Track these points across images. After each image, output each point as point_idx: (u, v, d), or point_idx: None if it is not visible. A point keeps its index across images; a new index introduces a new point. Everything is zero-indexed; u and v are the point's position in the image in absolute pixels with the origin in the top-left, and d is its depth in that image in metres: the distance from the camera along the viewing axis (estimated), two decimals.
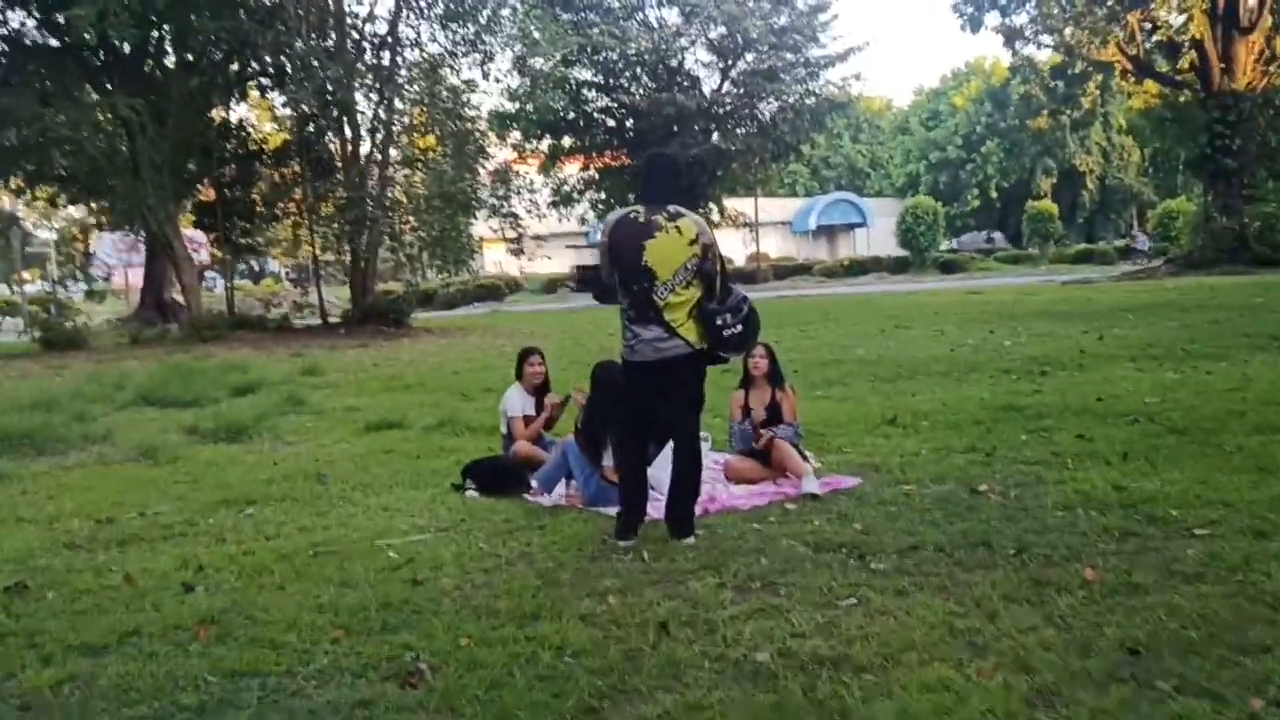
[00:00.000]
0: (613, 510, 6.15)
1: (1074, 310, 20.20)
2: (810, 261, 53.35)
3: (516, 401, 7.74)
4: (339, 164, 27.97)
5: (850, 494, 6.37)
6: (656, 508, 5.75)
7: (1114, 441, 7.29)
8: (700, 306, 5.38)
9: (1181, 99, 38.51)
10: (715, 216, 41.08)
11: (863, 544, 5.21)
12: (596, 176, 41.20)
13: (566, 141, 41.11)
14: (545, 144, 40.53)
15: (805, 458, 6.90)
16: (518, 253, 30.58)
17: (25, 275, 47.09)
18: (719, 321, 5.34)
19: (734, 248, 49.68)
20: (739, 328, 5.36)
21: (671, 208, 5.43)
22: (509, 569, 5.16)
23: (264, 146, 29.67)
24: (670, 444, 5.74)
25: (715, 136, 39.47)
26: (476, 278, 42.87)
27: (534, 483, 6.86)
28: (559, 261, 43.52)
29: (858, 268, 48.58)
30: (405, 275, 34.80)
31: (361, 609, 4.60)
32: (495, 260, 51.80)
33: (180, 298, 28.25)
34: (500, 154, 33.70)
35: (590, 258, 43.94)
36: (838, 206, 66.19)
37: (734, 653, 3.89)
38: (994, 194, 69.64)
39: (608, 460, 6.49)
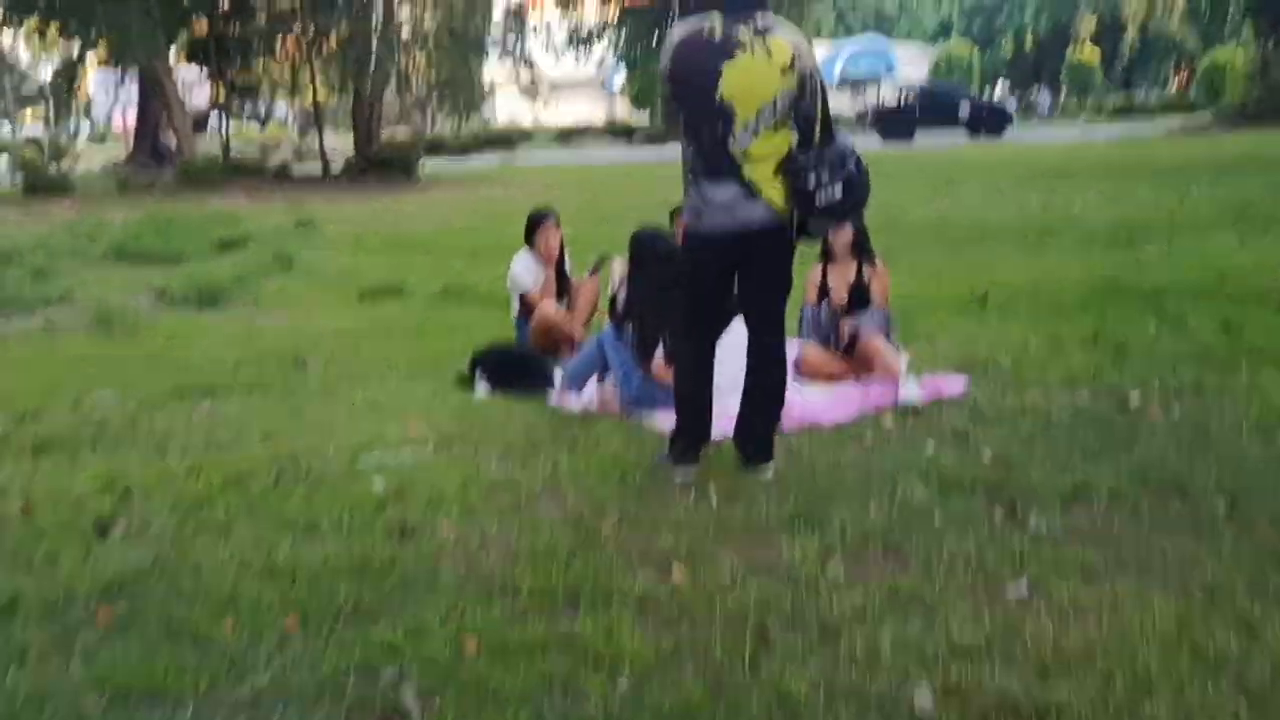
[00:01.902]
0: (662, 420, 4.84)
1: (1137, 166, 18.50)
2: (835, 116, 50.82)
3: (524, 270, 6.36)
4: None
5: (960, 403, 5.02)
6: (718, 420, 4.42)
7: (1270, 333, 5.90)
8: (790, 159, 3.94)
9: None
10: None
11: (1005, 485, 3.87)
12: (617, 17, 38.66)
13: None
14: None
15: (897, 351, 5.54)
16: (533, 96, 28.67)
17: (26, 115, 45.27)
18: (811, 180, 3.88)
19: None
20: (837, 189, 3.90)
21: (760, 17, 3.93)
22: (530, 512, 3.85)
23: None
24: (732, 336, 4.37)
25: None
26: (487, 126, 40.97)
27: (559, 378, 5.53)
28: (577, 110, 41.40)
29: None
30: (412, 121, 33.02)
31: (328, 575, 3.31)
32: (507, 108, 49.65)
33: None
34: None
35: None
36: (863, 56, 63.06)
37: (875, 685, 2.59)
38: (1027, 43, 66.38)
39: (659, 349, 5.14)
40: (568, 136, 44.83)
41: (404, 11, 27.71)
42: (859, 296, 5.62)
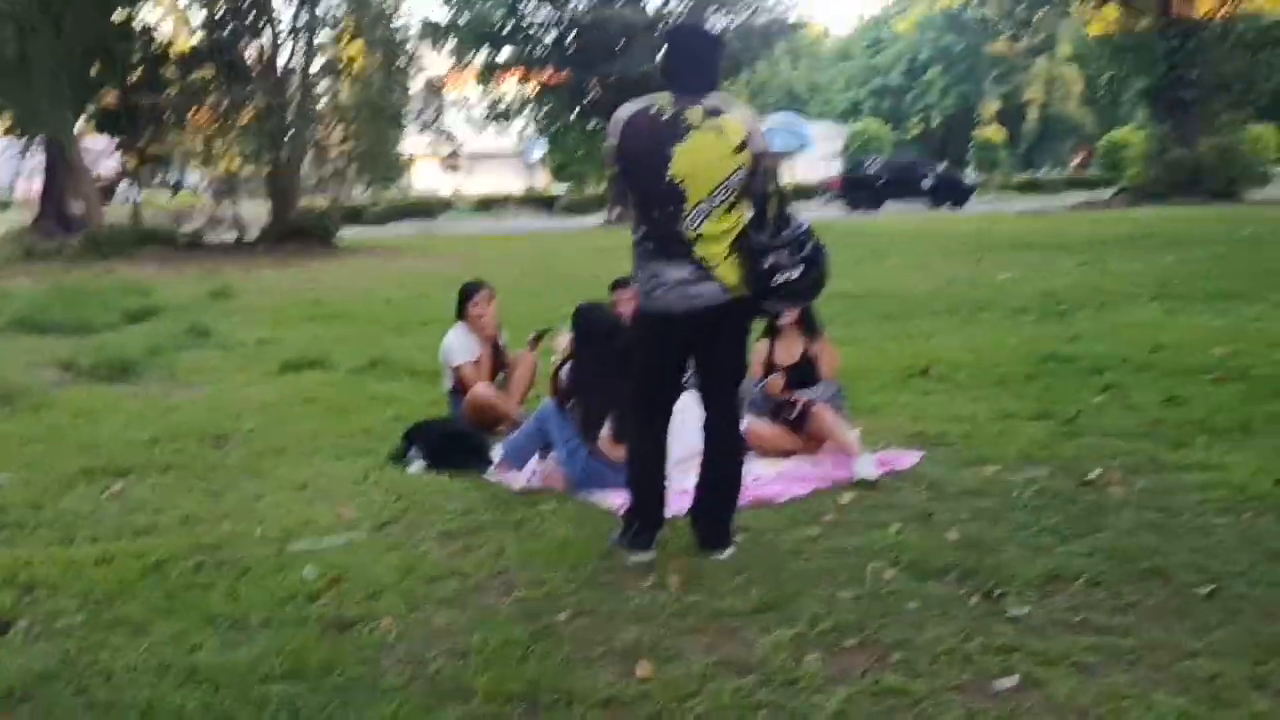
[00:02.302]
0: (609, 498, 4.62)
1: (1053, 241, 18.86)
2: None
3: (459, 345, 6.12)
4: (255, 71, 25.62)
5: (916, 478, 4.87)
6: (673, 496, 4.20)
7: (1215, 407, 5.87)
8: (745, 238, 3.78)
9: (1140, 25, 37.27)
10: None
11: (978, 568, 3.69)
12: (537, 91, 38.83)
13: (504, 54, 38.63)
14: (482, 56, 38.04)
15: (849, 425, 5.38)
16: (453, 168, 28.53)
17: None
18: (769, 262, 3.73)
19: None
20: (797, 271, 3.75)
21: (710, 99, 3.80)
22: (477, 603, 3.58)
23: (170, 51, 27.05)
24: (683, 405, 4.17)
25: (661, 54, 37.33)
26: (406, 195, 40.68)
27: (498, 454, 5.27)
28: (498, 181, 41.36)
29: (804, 193, 46.81)
30: (330, 190, 32.66)
31: (257, 680, 3.00)
32: (426, 177, 49.48)
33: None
34: (434, 65, 31.50)
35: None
36: (779, 133, 64.28)
37: None
38: (934, 122, 68.36)
39: (605, 428, 4.92)
40: (487, 205, 44.78)
41: (321, 84, 27.49)
42: (804, 372, 5.47)
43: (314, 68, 26.41)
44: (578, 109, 38.59)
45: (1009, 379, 6.94)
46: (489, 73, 37.20)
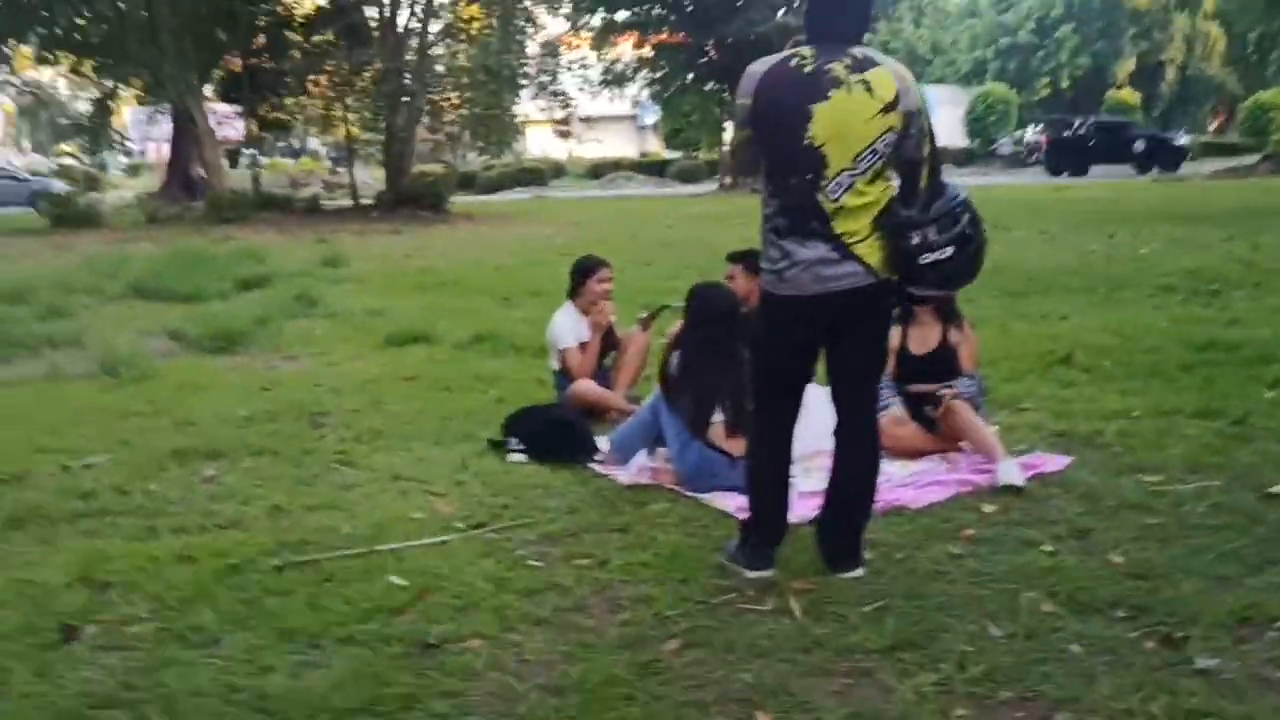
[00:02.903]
0: (725, 499, 4.22)
1: (1194, 212, 17.74)
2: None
3: (568, 326, 5.76)
4: (375, 34, 25.66)
5: (1067, 486, 4.35)
6: (797, 501, 3.78)
7: None
8: (890, 213, 3.32)
9: None
10: None
11: (1151, 602, 3.19)
12: (652, 55, 38.27)
13: (620, 16, 38.13)
14: (598, 18, 37.60)
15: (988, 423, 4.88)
16: (566, 134, 28.27)
17: (65, 148, 45.41)
18: (916, 239, 3.26)
19: None
20: (948, 250, 3.27)
21: (859, 50, 3.32)
22: (577, 624, 3.21)
23: (294, 14, 27.29)
24: (807, 407, 3.72)
25: (782, 13, 36.36)
26: (520, 160, 40.72)
27: (605, 446, 4.91)
28: (609, 145, 41.02)
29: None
30: (444, 156, 32.77)
31: (330, 715, 2.69)
32: (539, 143, 49.46)
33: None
34: (550, 27, 31.19)
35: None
36: None
37: None
38: (1065, 83, 65.67)
39: (716, 417, 4.52)
40: (599, 171, 44.56)
41: (438, 48, 27.44)
42: (941, 362, 4.97)
43: (432, 29, 26.36)
44: (692, 73, 37.97)
45: (1163, 369, 6.31)
46: (605, 34, 36.72)
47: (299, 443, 5.28)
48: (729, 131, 38.76)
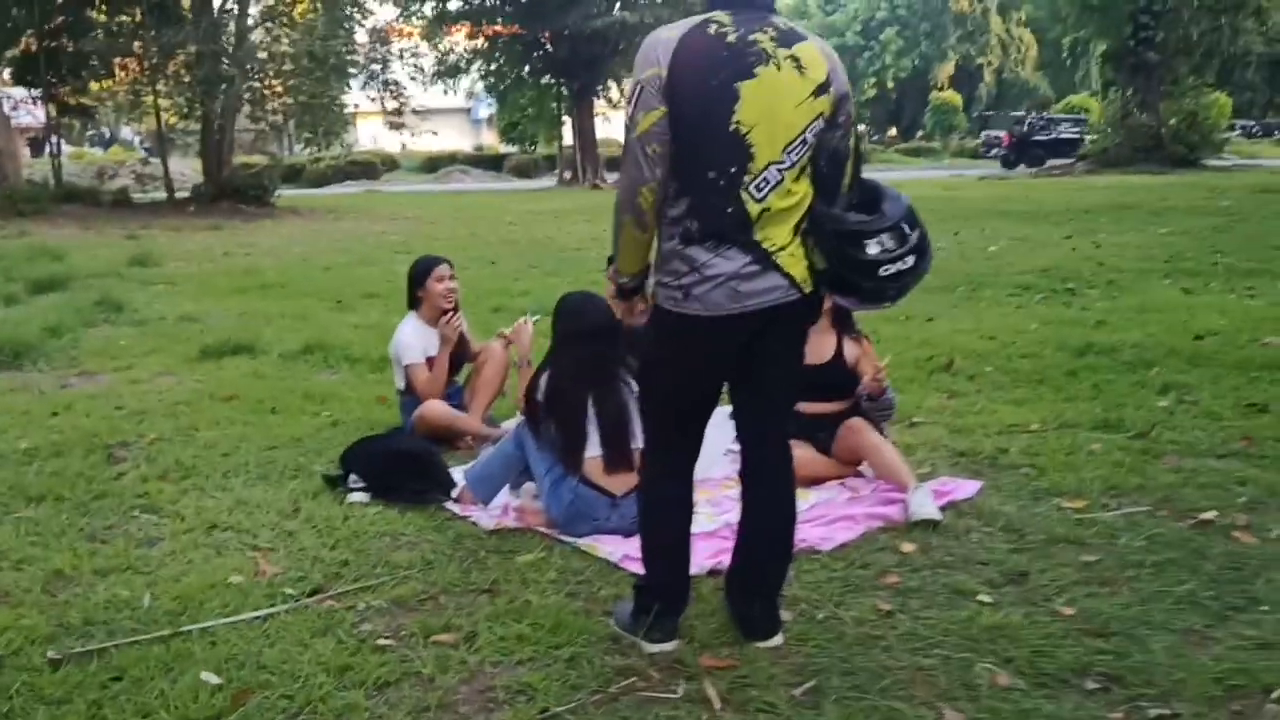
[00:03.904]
0: (606, 544, 3.63)
1: (1029, 209, 18.05)
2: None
3: (413, 340, 5.06)
4: (188, 14, 23.98)
5: (984, 516, 3.91)
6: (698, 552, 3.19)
7: None
8: (816, 216, 2.76)
9: None
10: (615, 95, 37.72)
11: (1120, 667, 2.73)
12: (486, 46, 37.23)
13: (453, 5, 36.98)
14: (429, 7, 36.38)
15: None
16: (398, 125, 27.14)
17: None
18: (874, 249, 2.70)
19: None
20: (909, 260, 2.72)
21: (780, 20, 2.76)
22: None
23: None
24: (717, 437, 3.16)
25: (619, 8, 35.92)
26: (349, 153, 39.21)
27: (461, 480, 4.23)
28: (444, 138, 39.81)
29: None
30: (269, 147, 31.19)
31: None
32: (370, 135, 47.82)
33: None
34: (379, 14, 29.92)
35: None
36: None
37: None
38: (890, 85, 67.53)
39: (593, 449, 3.89)
40: (434, 165, 43.41)
41: (258, 32, 25.93)
42: (839, 375, 4.48)
43: (252, 11, 24.86)
44: (528, 66, 37.18)
45: (1048, 376, 6.01)
46: (437, 24, 35.53)
47: (90, 484, 4.42)
48: (568, 125, 38.18)
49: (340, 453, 4.46)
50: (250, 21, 24.84)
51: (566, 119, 38.30)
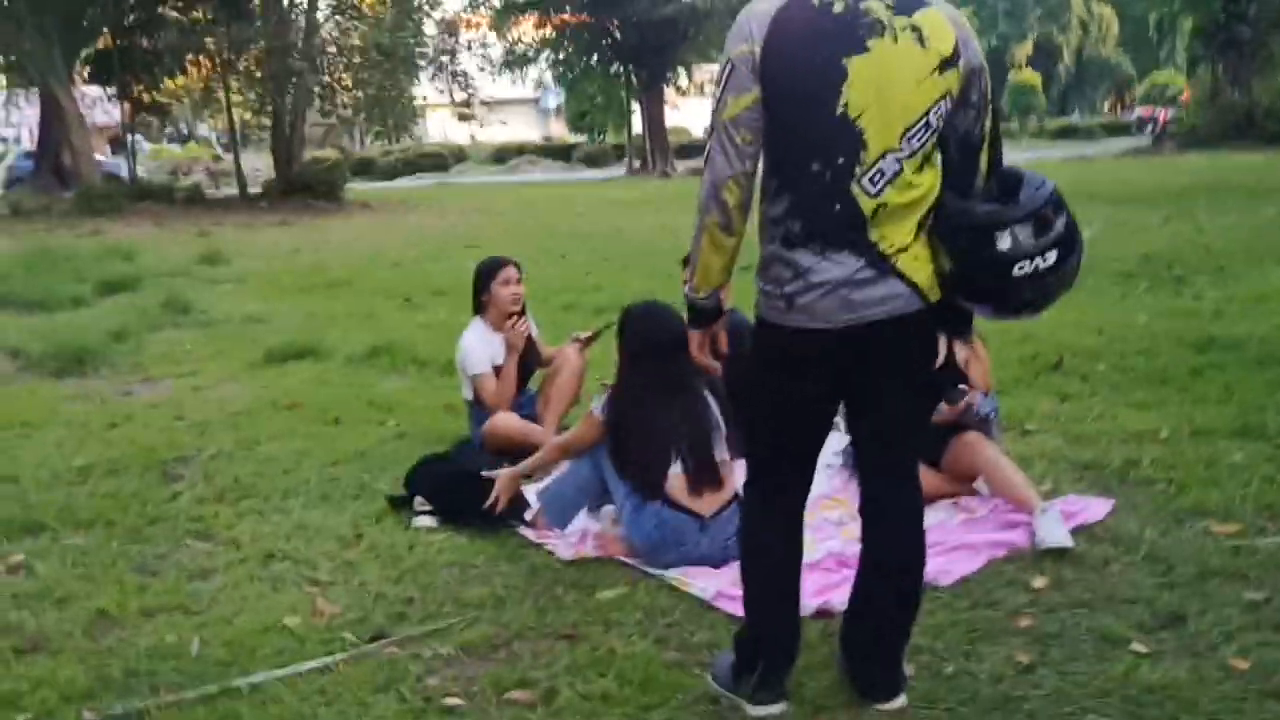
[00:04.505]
0: (698, 579, 3.26)
1: (1120, 191, 17.27)
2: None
3: (479, 348, 4.72)
4: (259, 9, 24.05)
5: (1122, 542, 3.45)
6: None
7: None
8: (942, 209, 2.35)
9: None
10: (684, 82, 37.28)
11: None
12: (554, 35, 36.97)
13: None
14: None
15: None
16: (467, 116, 27.02)
17: None
18: (1006, 243, 2.27)
19: (706, 119, 45.91)
20: (1051, 257, 2.28)
21: None
22: None
23: None
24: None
25: None
26: (419, 145, 39.28)
27: (533, 504, 3.88)
28: (512, 129, 39.74)
29: None
30: (339, 141, 31.32)
31: None
32: (439, 127, 47.90)
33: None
34: (447, 5, 29.82)
35: None
36: None
37: None
38: None
39: (674, 467, 3.52)
40: (503, 156, 43.34)
41: (327, 26, 25.93)
42: (946, 381, 4.05)
43: (321, 5, 24.87)
44: (596, 55, 36.85)
45: (1170, 375, 5.51)
46: (505, 14, 35.35)
47: (145, 507, 4.15)
48: (637, 113, 37.79)
49: (405, 471, 4.14)
50: (320, 15, 24.85)
51: (635, 107, 37.93)
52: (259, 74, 23.87)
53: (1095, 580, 3.20)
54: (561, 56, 37.22)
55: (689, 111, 41.63)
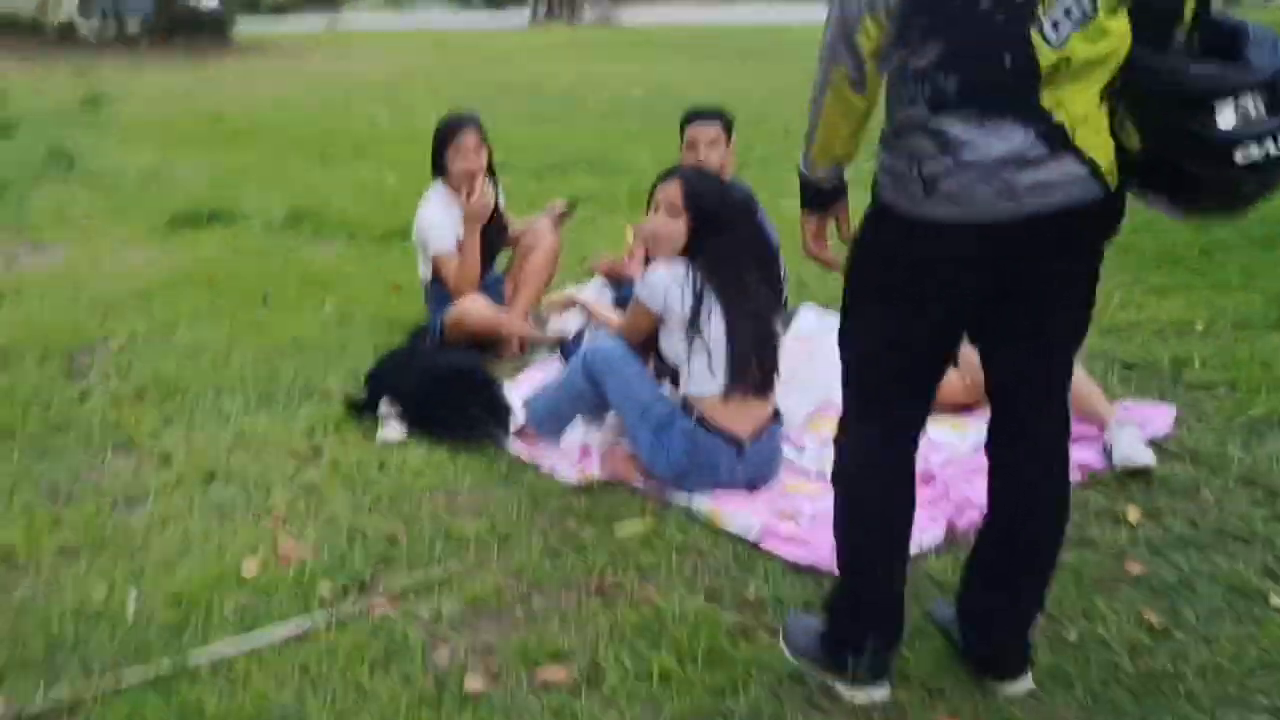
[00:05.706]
0: (736, 511, 2.76)
1: None
2: None
3: (441, 219, 4.02)
4: None
5: (1206, 462, 3.05)
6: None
7: None
8: (1137, 68, 1.77)
9: None
10: None
11: None
12: None
13: None
14: None
15: None
16: None
17: None
18: (1231, 118, 1.71)
19: None
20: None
21: None
22: None
23: None
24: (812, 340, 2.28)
25: None
26: None
27: (519, 410, 3.30)
28: None
29: None
30: None
31: None
32: None
33: None
34: None
35: None
36: None
37: None
38: None
39: (709, 385, 2.94)
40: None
41: None
42: None
43: None
44: None
45: (1180, 256, 5.10)
46: None
47: (47, 410, 3.47)
48: None
49: (356, 366, 3.53)
50: None
51: None
52: None
53: (1194, 511, 2.78)
54: None
55: None
